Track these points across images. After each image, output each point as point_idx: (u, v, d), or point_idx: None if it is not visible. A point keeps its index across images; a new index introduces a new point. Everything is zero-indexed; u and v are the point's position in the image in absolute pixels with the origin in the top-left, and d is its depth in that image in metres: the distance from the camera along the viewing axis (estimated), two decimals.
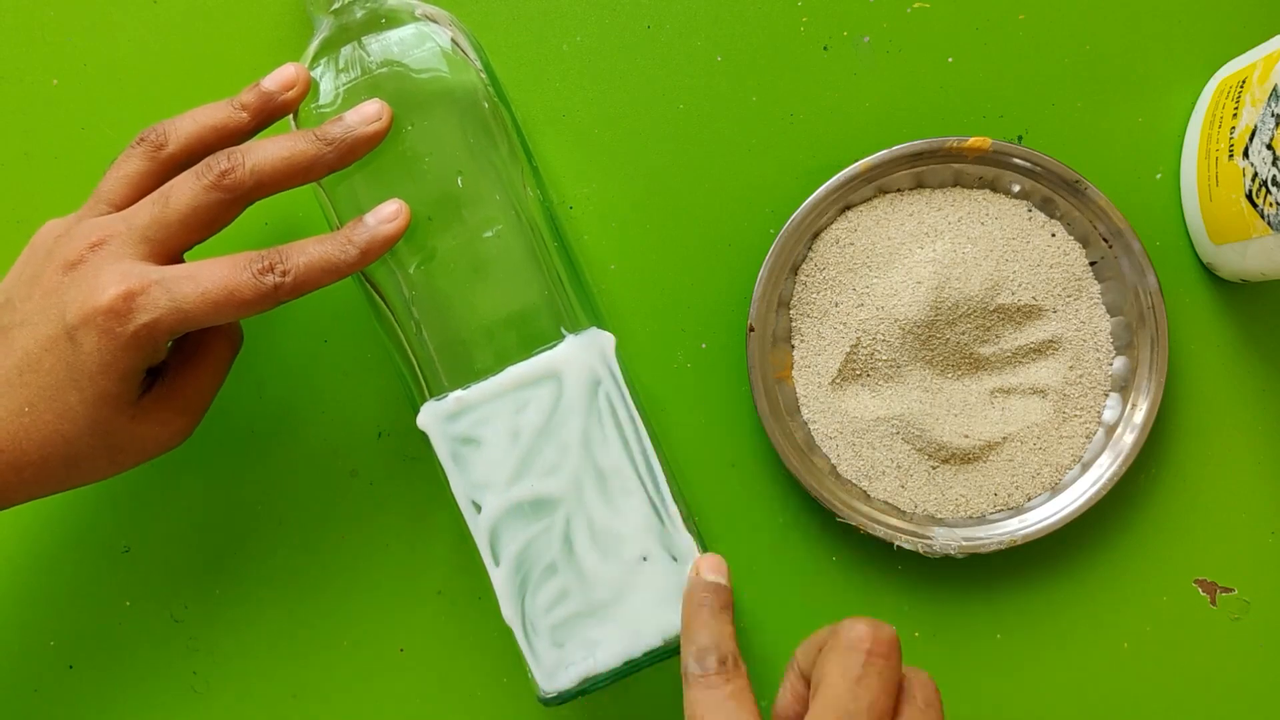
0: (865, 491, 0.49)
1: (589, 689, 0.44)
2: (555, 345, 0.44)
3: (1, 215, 0.51)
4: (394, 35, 0.44)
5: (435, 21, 0.44)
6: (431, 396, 0.44)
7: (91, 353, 0.40)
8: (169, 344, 0.42)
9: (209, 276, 0.40)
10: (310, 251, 0.41)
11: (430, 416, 0.44)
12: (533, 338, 0.44)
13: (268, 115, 0.43)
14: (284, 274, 0.41)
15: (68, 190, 0.51)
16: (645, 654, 0.44)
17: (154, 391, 0.43)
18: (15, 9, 0.51)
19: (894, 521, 0.49)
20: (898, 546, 0.48)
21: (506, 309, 0.44)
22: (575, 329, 0.44)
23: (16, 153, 0.51)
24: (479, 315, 0.44)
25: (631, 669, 0.44)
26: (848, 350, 0.49)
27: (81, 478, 0.42)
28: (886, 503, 0.49)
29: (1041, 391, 0.49)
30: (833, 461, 0.49)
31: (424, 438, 0.44)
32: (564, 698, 0.44)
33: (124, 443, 0.42)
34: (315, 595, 0.51)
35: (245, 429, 0.51)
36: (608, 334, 0.44)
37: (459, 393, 0.44)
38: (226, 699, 0.51)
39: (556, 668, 0.44)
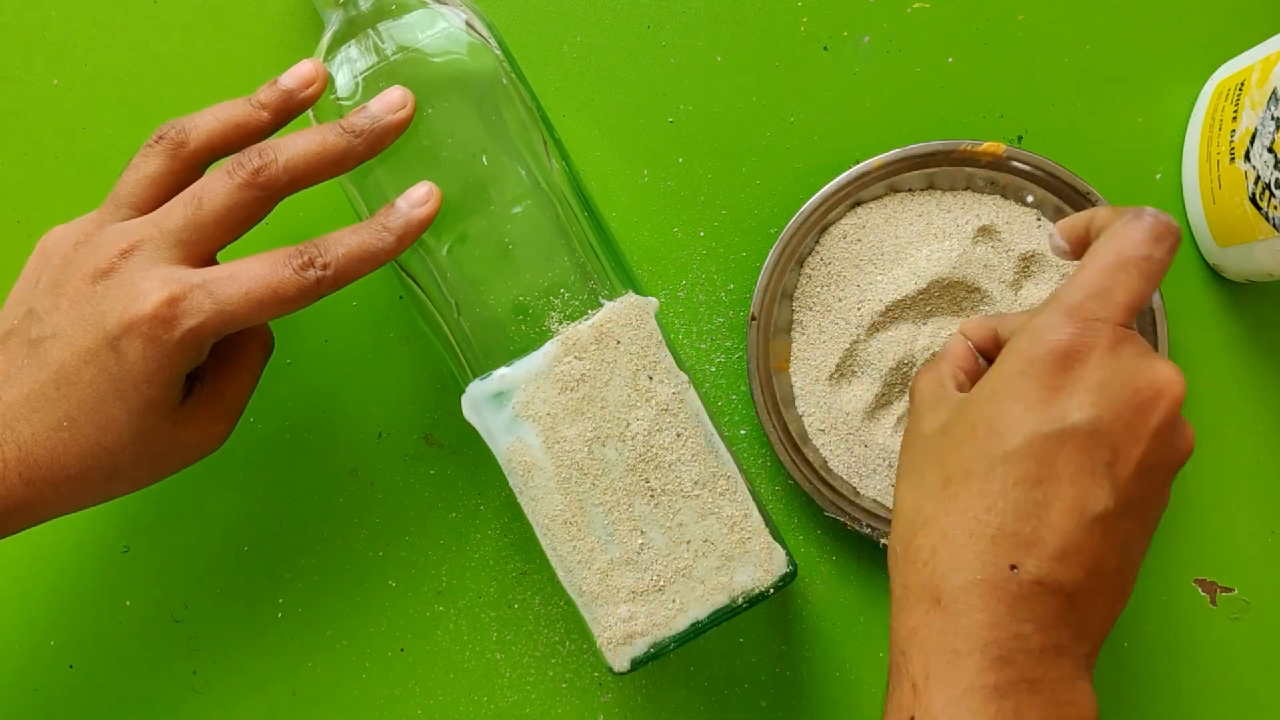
0: (855, 488, 0.49)
1: (657, 655, 0.44)
2: (594, 314, 0.44)
3: (1, 215, 0.51)
4: (407, 20, 0.44)
5: (445, 3, 0.44)
6: (475, 377, 0.44)
7: (137, 361, 0.39)
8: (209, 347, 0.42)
9: (250, 276, 0.40)
10: (348, 242, 0.41)
11: (475, 396, 0.44)
12: (572, 309, 0.44)
13: (288, 113, 0.42)
14: (325, 267, 0.40)
15: (67, 190, 0.51)
16: (711, 615, 0.44)
17: (194, 396, 0.42)
18: (15, 9, 0.51)
19: (881, 520, 0.49)
20: (883, 545, 0.48)
21: (543, 283, 0.44)
22: (613, 296, 0.44)
23: (16, 153, 0.51)
24: (516, 292, 0.44)
25: (699, 631, 0.44)
26: (847, 346, 0.49)
27: (120, 489, 0.42)
28: (876, 501, 0.49)
29: None
30: (824, 456, 0.49)
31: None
32: (634, 665, 0.44)
33: (167, 450, 0.41)
34: (315, 595, 0.51)
35: (245, 429, 0.51)
36: (648, 298, 0.44)
37: (503, 370, 0.43)
38: (226, 699, 0.51)
39: (622, 637, 0.44)
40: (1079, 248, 0.41)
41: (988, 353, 0.43)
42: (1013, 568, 0.35)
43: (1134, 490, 0.37)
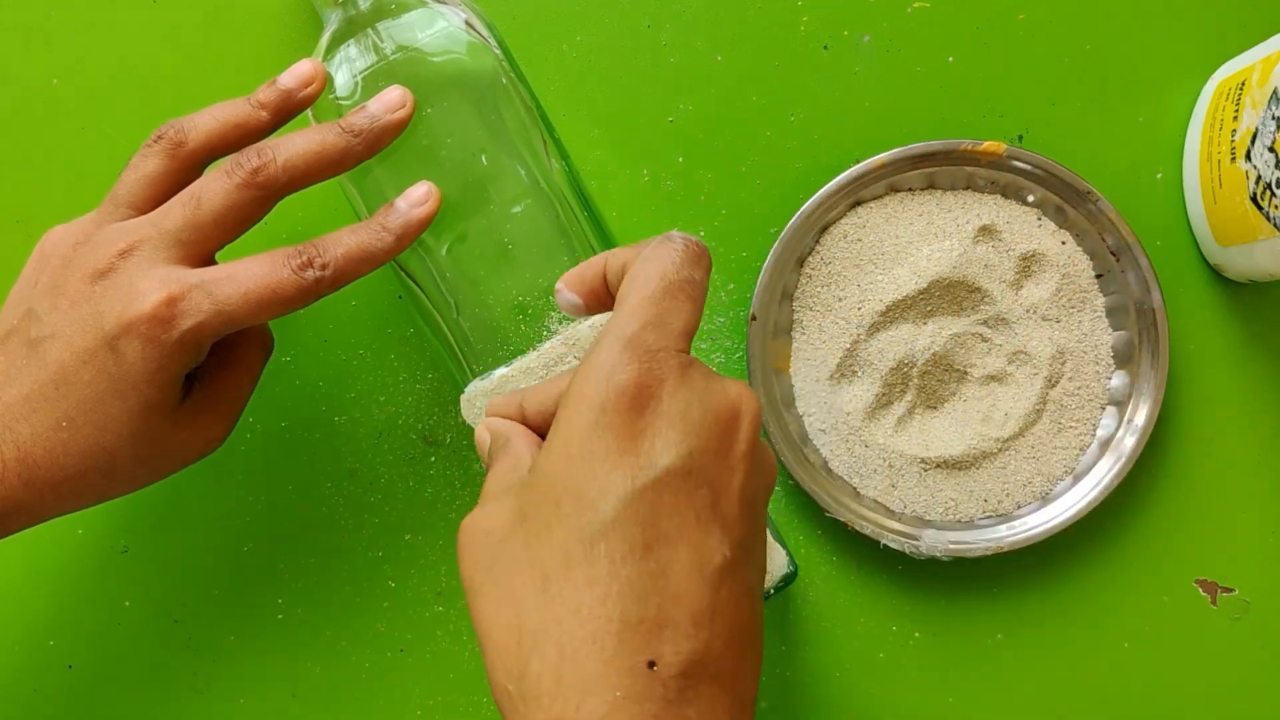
0: (855, 489, 0.49)
1: None
2: (594, 314, 0.44)
3: (1, 215, 0.51)
4: (406, 20, 0.44)
5: (445, 3, 0.44)
6: (474, 377, 0.44)
7: (135, 361, 0.39)
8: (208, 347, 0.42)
9: (248, 276, 0.40)
10: (346, 242, 0.41)
11: (475, 396, 0.44)
12: None
13: (286, 113, 0.42)
14: (323, 268, 0.40)
15: (67, 190, 0.51)
16: None
17: (193, 397, 0.42)
18: (15, 9, 0.51)
19: (883, 520, 0.49)
20: (884, 545, 0.48)
21: (543, 283, 0.44)
22: None
23: (16, 153, 0.51)
24: (515, 291, 0.44)
25: None
26: (848, 346, 0.49)
27: (118, 489, 0.42)
28: (876, 501, 0.49)
29: (1038, 401, 0.49)
30: (825, 456, 0.49)
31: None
32: None
33: (166, 450, 0.41)
34: (315, 595, 0.51)
35: (245, 429, 0.51)
36: None
37: (502, 370, 0.43)
38: (226, 699, 0.51)
39: None
40: (594, 298, 0.37)
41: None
42: (651, 665, 0.30)
43: (743, 528, 0.33)
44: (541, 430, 0.38)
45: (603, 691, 0.30)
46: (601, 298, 0.37)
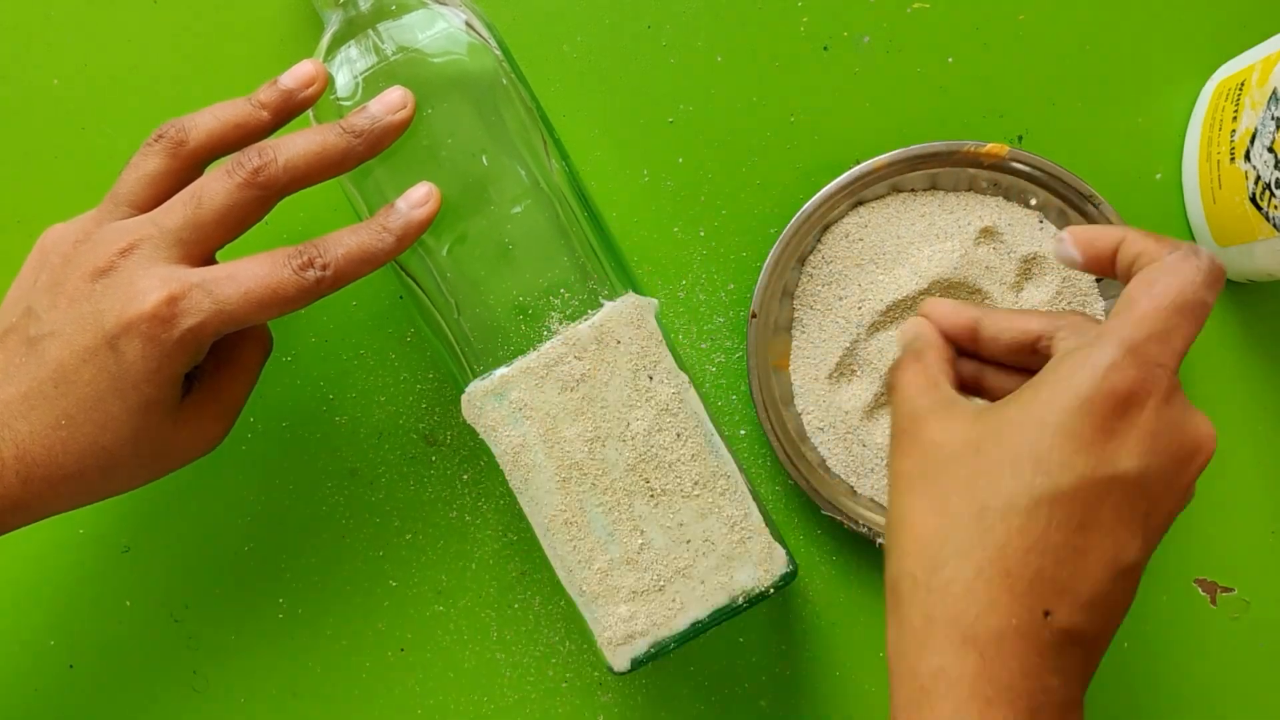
0: (852, 487, 0.49)
1: (657, 654, 0.44)
2: (595, 314, 0.44)
3: (1, 215, 0.51)
4: (406, 21, 0.44)
5: (445, 3, 0.44)
6: (475, 377, 0.44)
7: (136, 360, 0.39)
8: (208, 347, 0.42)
9: (249, 275, 0.40)
10: (347, 242, 0.41)
11: (475, 396, 0.44)
12: (572, 309, 0.44)
13: (287, 113, 0.42)
14: (324, 268, 0.40)
15: (67, 190, 0.51)
16: (711, 614, 0.44)
17: (192, 396, 0.42)
18: (15, 9, 0.51)
19: (879, 519, 0.49)
20: (881, 544, 0.48)
21: (543, 283, 0.44)
22: (613, 296, 0.44)
23: (16, 153, 0.51)
24: (516, 292, 0.44)
25: (699, 630, 0.44)
26: (847, 345, 0.49)
27: (117, 487, 0.42)
28: (873, 500, 0.49)
29: None
30: (822, 455, 0.49)
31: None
32: (634, 665, 0.44)
33: (165, 449, 0.41)
34: (315, 595, 0.51)
35: (245, 429, 0.51)
36: (648, 299, 0.44)
37: (502, 370, 0.43)
38: (226, 698, 0.51)
39: (622, 637, 0.44)
40: (1095, 264, 0.39)
41: (960, 344, 0.41)
42: (1046, 614, 0.35)
43: (1156, 541, 0.36)
44: (978, 350, 0.41)
45: (1002, 614, 0.34)
46: (1104, 266, 0.39)
